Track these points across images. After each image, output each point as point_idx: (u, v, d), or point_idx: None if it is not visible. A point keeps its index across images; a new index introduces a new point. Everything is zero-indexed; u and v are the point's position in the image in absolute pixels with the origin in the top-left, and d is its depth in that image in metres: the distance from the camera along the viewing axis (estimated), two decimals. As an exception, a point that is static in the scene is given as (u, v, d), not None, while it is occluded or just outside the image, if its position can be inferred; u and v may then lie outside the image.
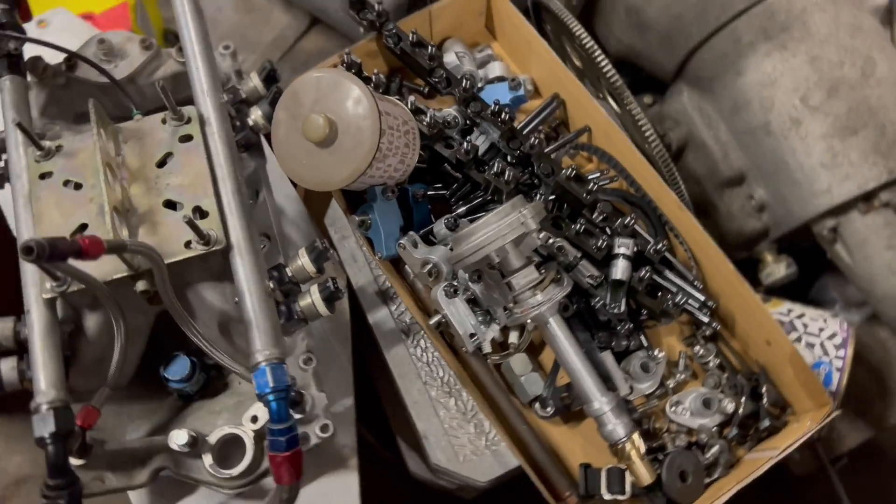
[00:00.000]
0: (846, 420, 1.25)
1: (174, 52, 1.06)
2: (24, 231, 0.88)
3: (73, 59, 1.02)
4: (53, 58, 1.02)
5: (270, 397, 0.81)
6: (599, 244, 0.94)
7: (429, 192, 1.03)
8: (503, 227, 0.84)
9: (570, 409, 0.97)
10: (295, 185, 1.17)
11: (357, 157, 0.90)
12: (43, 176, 0.90)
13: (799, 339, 1.08)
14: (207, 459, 0.92)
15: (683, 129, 1.31)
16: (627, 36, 1.29)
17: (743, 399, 0.95)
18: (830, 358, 1.06)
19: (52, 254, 0.65)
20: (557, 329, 0.88)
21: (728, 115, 1.23)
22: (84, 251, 0.69)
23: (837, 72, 1.11)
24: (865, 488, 1.24)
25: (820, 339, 1.08)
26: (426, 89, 1.13)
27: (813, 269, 1.38)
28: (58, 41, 1.00)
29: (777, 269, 1.27)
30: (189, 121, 0.94)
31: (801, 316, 1.12)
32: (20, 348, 0.89)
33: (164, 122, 0.94)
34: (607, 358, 0.95)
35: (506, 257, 0.87)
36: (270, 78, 1.05)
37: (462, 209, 1.03)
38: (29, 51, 0.99)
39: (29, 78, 1.00)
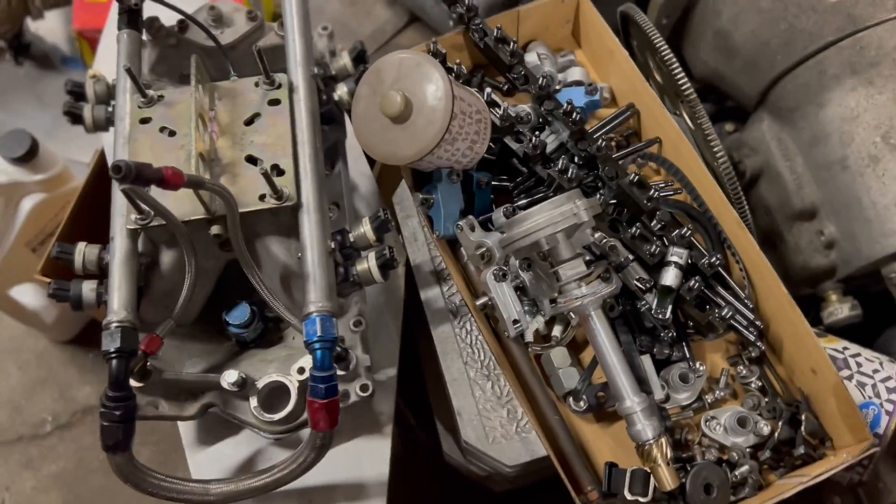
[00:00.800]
0: (894, 472, 1.20)
1: (276, 26, 1.14)
2: (119, 168, 0.97)
3: (185, 21, 1.11)
4: (168, 20, 1.11)
5: (316, 346, 0.86)
6: (653, 250, 0.96)
7: (493, 182, 1.07)
8: (556, 215, 0.87)
9: (604, 407, 0.98)
10: (370, 162, 1.23)
11: (427, 136, 0.94)
12: (143, 121, 0.99)
13: (850, 378, 1.06)
14: (253, 402, 0.98)
15: (760, 157, 1.30)
16: (713, 59, 1.30)
17: (780, 423, 0.94)
18: (881, 400, 1.03)
19: (137, 176, 0.72)
20: (598, 323, 0.90)
21: (806, 147, 1.22)
22: (166, 180, 0.76)
23: (923, 113, 1.09)
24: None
25: (873, 381, 1.05)
26: (506, 87, 1.17)
27: (882, 318, 1.34)
28: (160, 11, 1.10)
29: (840, 309, 1.24)
30: (279, 86, 1.02)
31: (856, 355, 1.09)
32: (102, 274, 0.97)
33: (256, 85, 1.02)
34: (646, 361, 0.96)
35: (556, 246, 0.90)
36: (360, 58, 1.12)
37: (523, 202, 1.06)
38: (147, 11, 1.08)
39: (144, 36, 1.10)
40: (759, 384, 1.00)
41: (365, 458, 1.04)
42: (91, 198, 1.25)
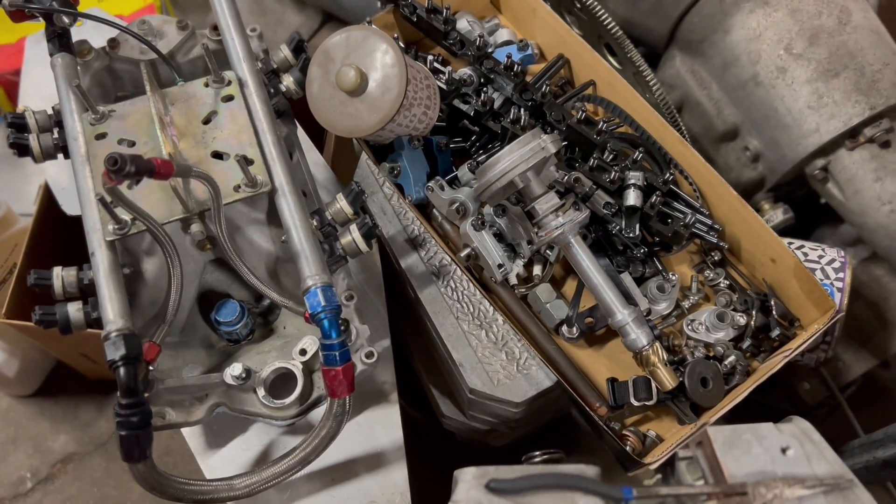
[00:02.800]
0: (850, 351, 1.32)
1: (208, 31, 1.15)
2: (83, 185, 0.96)
3: (115, 40, 1.11)
4: (96, 42, 1.11)
5: (322, 315, 0.88)
6: (612, 177, 1.03)
7: (450, 145, 1.12)
8: (525, 152, 0.92)
9: (594, 331, 1.04)
10: (322, 151, 1.26)
11: (387, 104, 0.98)
12: (98, 136, 0.98)
13: (800, 267, 1.16)
14: (261, 391, 0.99)
15: (678, 91, 1.40)
16: (621, 7, 1.39)
17: (754, 312, 1.03)
18: (832, 280, 1.14)
19: (133, 167, 0.73)
20: (579, 248, 0.96)
21: (719, 72, 1.33)
22: (157, 170, 0.77)
23: (816, 21, 1.21)
24: (873, 419, 1.30)
25: (820, 265, 1.16)
26: (441, 58, 1.22)
27: (809, 220, 1.47)
28: (92, 36, 1.10)
29: (775, 214, 1.35)
30: (229, 83, 1.03)
31: (800, 247, 1.20)
32: (83, 294, 0.96)
33: (206, 85, 1.03)
34: (626, 277, 1.03)
35: (528, 184, 0.95)
36: (299, 48, 1.15)
37: (482, 157, 1.11)
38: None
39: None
40: (727, 283, 1.08)
41: (378, 428, 1.06)
42: (42, 234, 1.22)
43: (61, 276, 0.95)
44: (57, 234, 1.24)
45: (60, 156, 1.07)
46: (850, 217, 1.26)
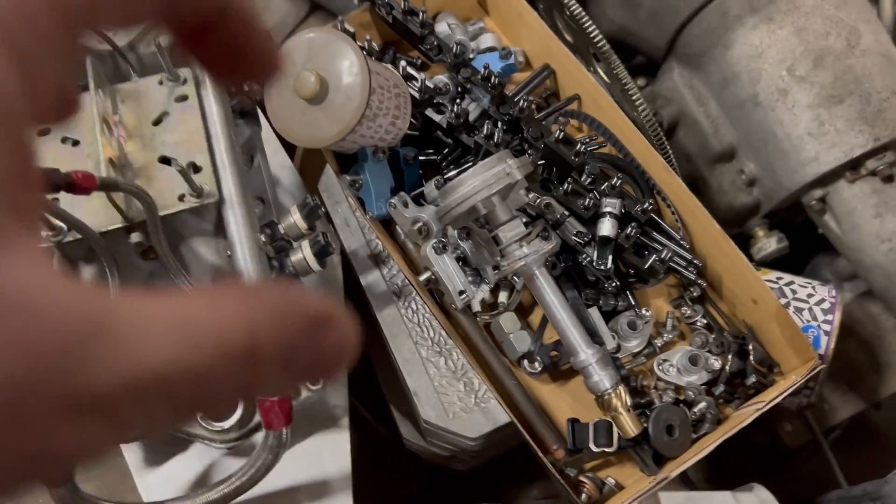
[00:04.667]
0: (838, 393, 1.25)
1: (173, 22, 1.09)
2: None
3: (74, 27, 1.05)
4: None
5: (260, 342, 0.82)
6: (587, 203, 0.96)
7: (420, 157, 1.05)
8: (488, 177, 0.85)
9: (559, 366, 0.98)
10: (291, 155, 1.19)
11: (347, 114, 0.91)
12: (42, 133, 0.92)
13: (787, 305, 1.09)
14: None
15: (675, 106, 1.32)
16: (619, 15, 1.31)
17: (730, 356, 0.96)
18: (819, 322, 1.07)
19: (53, 181, 0.67)
20: (544, 281, 0.90)
21: (717, 89, 1.25)
22: (77, 184, 0.71)
23: (823, 42, 1.12)
24: (858, 463, 1.24)
25: (809, 305, 1.09)
26: (419, 61, 1.15)
27: (806, 248, 1.39)
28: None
29: (768, 243, 1.28)
30: (185, 82, 0.97)
31: (789, 283, 1.13)
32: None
33: (160, 83, 0.97)
34: (594, 313, 0.96)
35: (493, 210, 0.89)
36: (266, 45, 1.08)
37: (452, 173, 1.05)
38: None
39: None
40: (705, 322, 1.01)
41: (325, 454, 1.00)
42: None
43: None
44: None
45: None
46: (847, 252, 1.18)
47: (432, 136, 1.09)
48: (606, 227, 0.95)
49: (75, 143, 0.93)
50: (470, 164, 1.05)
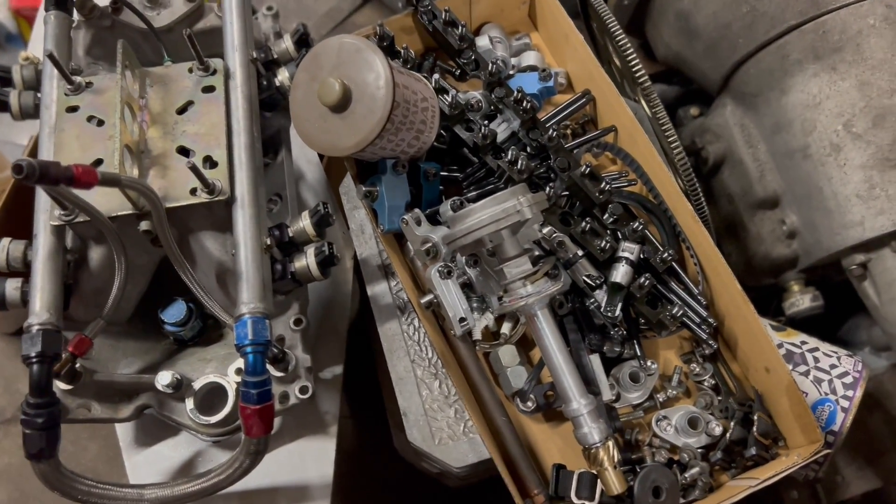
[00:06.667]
0: (854, 467, 1.19)
1: (216, 7, 1.08)
2: (45, 158, 0.91)
3: (119, 1, 1.05)
4: (101, 0, 1.05)
5: (248, 349, 0.82)
6: (604, 245, 0.92)
7: (442, 173, 1.02)
8: (498, 212, 0.83)
9: (553, 407, 0.95)
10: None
11: (367, 126, 0.89)
12: (70, 109, 0.93)
13: (807, 373, 1.04)
14: (189, 404, 0.94)
15: (723, 144, 1.27)
16: (675, 42, 1.26)
17: (732, 424, 0.92)
18: (837, 397, 1.01)
19: (42, 176, 0.67)
20: (544, 323, 0.87)
21: (769, 133, 1.18)
22: (76, 178, 0.71)
23: (886, 100, 1.05)
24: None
25: (830, 377, 1.03)
26: (458, 72, 1.12)
27: (846, 307, 1.32)
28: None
29: (802, 300, 1.22)
30: (214, 72, 0.96)
31: (813, 350, 1.07)
32: (27, 270, 0.92)
33: (190, 71, 0.97)
34: (594, 361, 0.93)
35: (501, 244, 0.86)
36: (302, 41, 1.07)
37: (473, 194, 1.02)
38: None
39: (76, 16, 1.04)
40: (713, 382, 0.97)
41: (309, 460, 1.00)
42: (25, 187, 1.19)
43: (7, 250, 0.92)
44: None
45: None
46: (883, 324, 1.11)
47: (459, 153, 1.06)
48: (620, 274, 0.92)
49: (100, 122, 0.93)
50: (492, 186, 1.02)
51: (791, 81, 1.12)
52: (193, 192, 0.88)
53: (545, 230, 0.91)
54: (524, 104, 0.99)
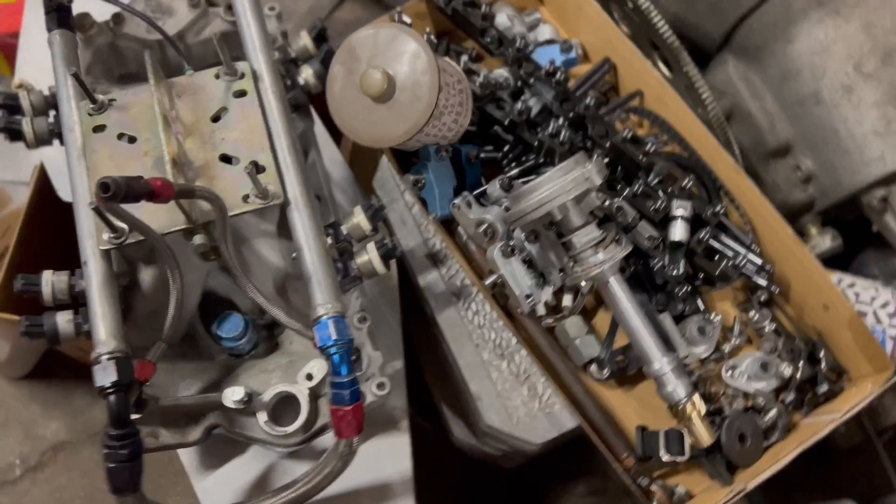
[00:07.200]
0: (892, 393, 1.24)
1: (222, 10, 1.05)
2: (78, 183, 0.87)
3: (121, 15, 1.01)
4: (99, 15, 1.01)
5: (333, 350, 0.80)
6: (659, 206, 0.93)
7: (481, 155, 1.02)
8: (567, 182, 0.83)
9: (626, 372, 0.96)
10: (339, 145, 1.16)
11: (415, 113, 0.88)
12: (97, 129, 0.89)
13: (850, 308, 1.07)
14: (262, 417, 0.91)
15: (728, 100, 1.29)
16: (674, 3, 1.28)
17: (801, 363, 0.94)
18: (884, 326, 1.05)
19: (127, 192, 0.64)
20: (618, 288, 0.87)
21: (776, 84, 1.22)
22: (156, 193, 0.68)
23: (893, 38, 1.09)
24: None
25: (872, 308, 1.07)
26: (474, 53, 1.11)
27: (853, 244, 1.37)
28: (90, 8, 0.99)
29: (822, 241, 1.26)
30: (242, 76, 0.93)
31: (851, 285, 1.11)
32: (74, 302, 0.88)
33: (216, 77, 0.93)
34: (665, 319, 0.94)
35: (567, 215, 0.86)
36: (321, 37, 1.04)
37: (514, 171, 1.02)
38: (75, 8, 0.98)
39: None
40: (773, 326, 0.99)
41: (385, 458, 0.99)
42: (36, 219, 1.14)
43: (51, 283, 0.87)
44: (51, 220, 1.16)
45: (56, 141, 0.98)
46: (906, 252, 1.16)
47: (489, 133, 1.05)
48: (678, 232, 0.93)
49: (132, 139, 0.89)
50: (532, 162, 1.02)
51: (796, 30, 1.15)
52: (245, 199, 0.85)
53: (600, 196, 0.92)
54: (557, 75, 0.99)
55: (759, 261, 0.97)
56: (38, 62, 1.27)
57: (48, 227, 1.16)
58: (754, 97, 1.25)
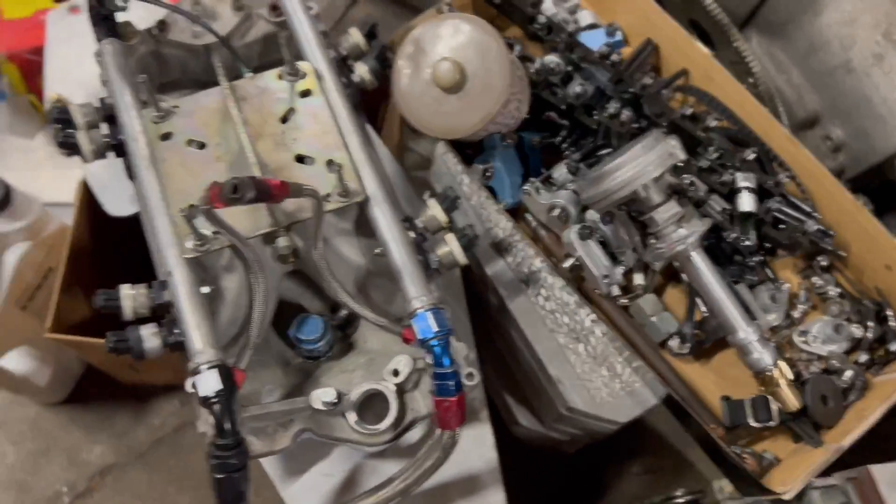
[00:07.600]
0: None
1: (266, 12, 1.04)
2: (150, 193, 0.85)
3: (164, 22, 1.00)
4: (139, 23, 0.99)
5: (434, 342, 0.80)
6: (726, 179, 0.95)
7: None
8: (652, 159, 0.84)
9: (704, 345, 0.97)
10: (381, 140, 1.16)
11: (488, 102, 0.89)
12: (164, 137, 0.87)
13: None
14: (352, 416, 0.90)
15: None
16: (697, -16, 1.30)
17: (870, 323, 0.97)
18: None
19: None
20: (701, 262, 0.89)
21: (802, 57, 1.25)
22: (273, 193, 0.68)
23: (920, 5, 1.13)
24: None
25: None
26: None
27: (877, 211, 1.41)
28: (132, 15, 0.97)
29: (854, 207, 1.29)
30: (304, 76, 0.93)
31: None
32: (154, 315, 0.86)
33: (279, 77, 0.92)
34: (743, 289, 0.96)
35: (648, 192, 0.88)
36: (371, 34, 1.04)
37: (576, 155, 1.03)
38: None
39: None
40: (838, 290, 1.02)
41: (470, 448, 0.98)
42: (82, 237, 1.10)
43: (132, 297, 0.85)
44: (96, 237, 1.13)
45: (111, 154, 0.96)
46: (941, 212, 1.20)
47: (542, 118, 1.06)
48: (747, 203, 0.95)
49: (201, 145, 0.88)
50: (591, 145, 1.03)
51: (823, 2, 1.18)
52: (327, 198, 0.85)
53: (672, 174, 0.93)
54: (611, 57, 1.01)
55: (821, 227, 0.99)
56: (65, 76, 1.24)
57: (93, 244, 1.13)
58: (780, 71, 1.28)
